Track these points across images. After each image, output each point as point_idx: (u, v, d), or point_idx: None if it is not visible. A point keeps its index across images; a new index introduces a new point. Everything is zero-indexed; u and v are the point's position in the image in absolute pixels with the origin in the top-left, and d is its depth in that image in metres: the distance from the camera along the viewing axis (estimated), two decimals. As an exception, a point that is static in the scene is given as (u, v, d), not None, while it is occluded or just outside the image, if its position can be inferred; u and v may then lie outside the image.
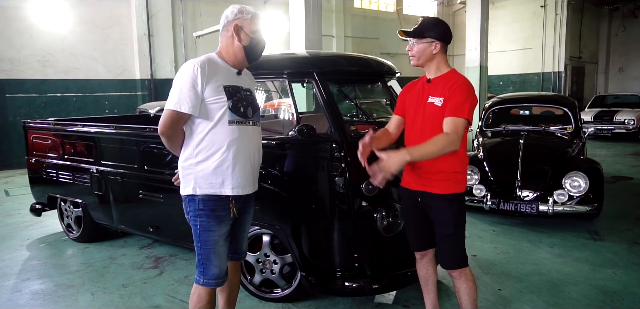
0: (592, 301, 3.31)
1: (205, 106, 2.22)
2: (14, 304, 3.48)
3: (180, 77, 2.21)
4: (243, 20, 2.31)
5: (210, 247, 2.30)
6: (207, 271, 2.33)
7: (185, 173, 2.30)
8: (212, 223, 2.29)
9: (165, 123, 2.22)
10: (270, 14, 13.59)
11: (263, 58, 3.52)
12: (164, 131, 2.24)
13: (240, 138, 2.29)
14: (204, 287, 2.35)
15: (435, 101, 2.37)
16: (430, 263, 2.69)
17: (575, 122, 6.07)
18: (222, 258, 2.37)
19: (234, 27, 2.30)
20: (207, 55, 2.31)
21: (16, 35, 9.75)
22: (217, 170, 2.25)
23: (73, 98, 10.59)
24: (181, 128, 2.28)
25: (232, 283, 2.61)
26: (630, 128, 11.92)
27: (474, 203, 4.99)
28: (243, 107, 2.31)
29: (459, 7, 18.72)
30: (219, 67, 2.29)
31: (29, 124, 5.09)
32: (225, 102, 2.24)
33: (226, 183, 2.27)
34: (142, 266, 4.09)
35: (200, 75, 2.18)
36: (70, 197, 4.70)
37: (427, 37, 2.38)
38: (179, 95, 2.18)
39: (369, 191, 2.88)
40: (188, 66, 2.21)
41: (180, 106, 2.17)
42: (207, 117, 2.23)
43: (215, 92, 2.22)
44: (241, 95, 2.33)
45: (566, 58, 16.89)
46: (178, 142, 2.31)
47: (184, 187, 2.31)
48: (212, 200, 2.27)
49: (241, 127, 2.29)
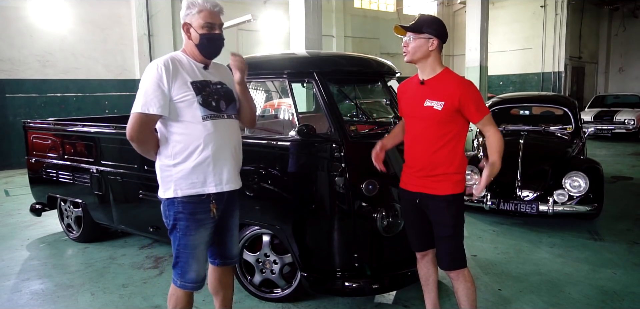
0: (592, 301, 3.31)
1: (175, 105, 2.15)
2: (14, 304, 3.48)
3: (145, 78, 2.13)
4: (191, 16, 2.20)
5: (190, 252, 2.24)
6: (185, 275, 2.27)
7: (164, 176, 2.23)
8: (192, 227, 2.22)
9: (133, 127, 2.13)
10: (270, 14, 13.60)
11: (263, 58, 3.53)
12: (133, 136, 2.14)
13: (217, 133, 2.22)
14: (181, 289, 2.30)
15: (434, 105, 2.35)
16: (430, 263, 2.69)
17: (575, 122, 6.07)
18: (201, 263, 2.31)
19: (184, 26, 2.22)
20: (171, 54, 2.24)
21: (16, 35, 9.74)
22: (198, 168, 2.18)
23: (73, 98, 10.59)
24: (152, 131, 2.20)
25: (225, 285, 2.56)
26: (630, 128, 11.91)
27: (474, 203, 4.99)
28: (214, 101, 2.24)
29: (459, 7, 18.71)
30: (183, 64, 2.22)
31: (29, 124, 5.09)
32: (194, 97, 2.17)
33: (208, 180, 2.21)
34: (142, 266, 4.09)
35: (165, 73, 2.11)
36: (70, 197, 4.70)
37: (425, 32, 2.37)
38: (145, 97, 2.10)
39: (369, 191, 2.88)
40: (152, 67, 2.15)
41: (147, 108, 2.09)
42: (179, 116, 2.16)
43: (181, 89, 2.15)
44: (211, 89, 2.25)
45: (566, 58, 16.89)
46: (150, 145, 2.22)
47: (163, 190, 2.24)
48: (192, 202, 2.20)
49: (216, 121, 2.22)
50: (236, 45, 12.83)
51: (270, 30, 13.78)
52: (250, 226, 3.25)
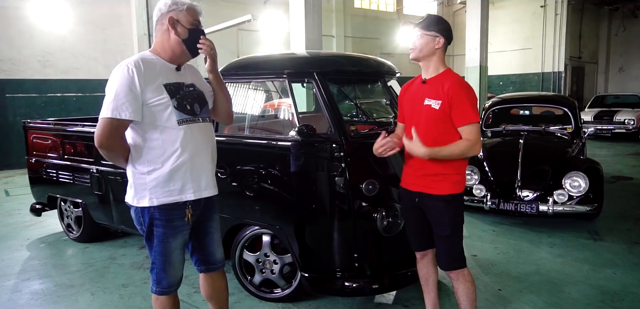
0: (592, 301, 3.31)
1: (149, 109, 2.03)
2: (14, 304, 3.48)
3: (114, 81, 1.99)
4: (178, 11, 2.11)
5: (166, 258, 2.18)
6: (162, 281, 2.22)
7: (137, 184, 2.11)
8: (169, 234, 2.15)
9: (103, 133, 2.00)
10: (270, 14, 13.59)
11: (263, 58, 3.53)
12: (102, 142, 2.01)
13: (194, 138, 2.13)
14: (160, 296, 2.26)
15: (432, 103, 2.37)
16: (430, 263, 2.69)
17: (575, 122, 6.07)
18: (177, 267, 2.25)
19: (169, 20, 2.11)
20: (140, 54, 2.12)
21: (16, 35, 9.74)
22: (175, 175, 2.09)
23: (73, 98, 10.59)
24: (121, 137, 2.07)
25: (218, 289, 2.47)
26: (630, 128, 11.91)
27: (474, 203, 4.99)
28: (189, 104, 2.14)
29: (459, 7, 18.72)
30: (155, 65, 2.10)
31: (29, 124, 5.09)
32: (169, 101, 2.06)
33: (187, 187, 2.13)
34: (142, 266, 4.09)
35: (137, 75, 1.98)
36: (70, 197, 4.70)
37: (432, 30, 2.38)
38: (115, 101, 1.96)
39: (369, 191, 2.88)
40: (121, 68, 2.00)
41: (119, 113, 1.96)
42: (153, 121, 2.05)
43: (155, 92, 2.03)
44: (185, 91, 2.16)
45: (566, 58, 16.89)
46: (120, 152, 2.10)
47: (137, 199, 2.12)
48: (169, 209, 2.11)
49: (192, 125, 2.13)
50: (236, 45, 12.83)
51: (270, 30, 13.77)
52: (250, 226, 3.26)
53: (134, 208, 2.17)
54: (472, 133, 2.32)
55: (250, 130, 3.54)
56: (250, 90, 3.57)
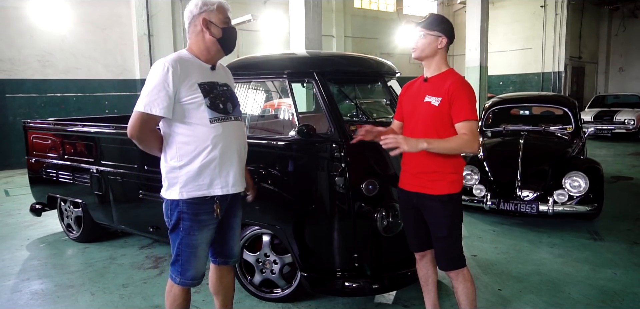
0: (592, 301, 3.31)
1: (182, 107, 2.13)
2: (14, 304, 3.48)
3: (151, 77, 2.10)
4: (209, 12, 2.19)
5: (191, 251, 2.25)
6: (185, 273, 2.28)
7: (169, 177, 2.21)
8: (195, 228, 2.22)
9: (134, 125, 2.11)
10: (270, 14, 13.59)
11: (263, 58, 3.54)
12: (133, 133, 2.12)
13: (225, 136, 2.21)
14: (180, 286, 2.31)
15: (432, 101, 2.37)
16: (430, 264, 2.69)
17: (575, 122, 6.07)
18: (202, 261, 2.31)
19: (203, 22, 2.19)
20: (177, 53, 2.21)
21: (16, 35, 9.74)
22: (204, 171, 2.17)
23: (73, 98, 10.59)
24: (153, 130, 2.18)
25: (226, 285, 2.56)
26: (630, 128, 11.91)
27: (474, 203, 4.99)
28: (222, 103, 2.22)
29: (459, 7, 18.72)
30: (191, 65, 2.19)
31: (29, 124, 5.09)
32: (202, 100, 2.15)
33: (215, 183, 2.21)
34: (142, 266, 4.09)
35: (172, 74, 2.07)
36: (70, 197, 4.70)
37: (435, 30, 2.38)
38: (149, 97, 2.07)
39: (369, 191, 2.88)
40: (159, 65, 2.10)
41: (150, 108, 2.06)
42: (186, 118, 2.14)
43: (190, 90, 2.13)
44: (218, 91, 2.24)
45: (566, 58, 16.89)
46: (153, 143, 2.21)
47: (168, 191, 2.22)
48: (197, 203, 2.20)
49: (224, 124, 2.21)
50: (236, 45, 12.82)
51: (270, 30, 13.77)
52: (250, 226, 3.25)
53: (165, 201, 2.27)
54: (468, 129, 2.30)
55: (250, 130, 3.54)
56: (250, 90, 3.57)
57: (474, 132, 2.31)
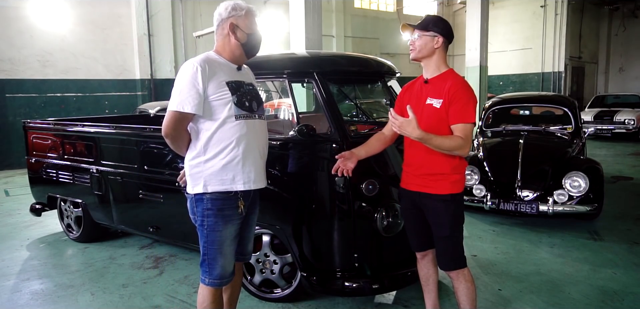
0: (592, 301, 3.30)
1: (210, 104, 2.21)
2: (14, 304, 3.48)
3: (181, 77, 2.20)
4: (237, 17, 2.29)
5: (217, 247, 2.30)
6: (213, 271, 2.32)
7: (194, 172, 2.27)
8: (219, 223, 2.27)
9: (168, 124, 2.20)
10: (270, 14, 13.59)
11: (263, 58, 3.54)
12: (168, 133, 2.22)
13: (249, 133, 2.29)
14: (209, 287, 2.35)
15: (434, 103, 2.37)
16: (431, 263, 2.69)
17: (575, 122, 6.07)
18: (228, 259, 2.36)
19: (230, 26, 2.29)
20: (206, 54, 2.29)
21: (16, 35, 9.74)
22: (227, 166, 2.24)
23: (73, 98, 10.59)
24: (185, 129, 2.26)
25: (234, 283, 2.59)
26: (630, 128, 11.91)
27: (474, 203, 4.99)
28: (248, 101, 2.31)
29: (459, 7, 18.72)
30: (218, 64, 2.28)
31: (29, 124, 5.09)
32: (230, 97, 2.23)
33: (237, 178, 2.27)
34: (142, 266, 4.09)
35: (201, 73, 2.17)
36: (70, 197, 4.70)
37: (431, 30, 2.38)
38: (180, 96, 2.16)
39: (369, 191, 2.88)
40: (188, 66, 2.20)
41: (182, 106, 2.15)
42: (213, 114, 2.22)
43: (218, 88, 2.21)
44: (244, 89, 2.33)
45: (566, 58, 16.89)
46: (183, 142, 2.29)
47: (193, 186, 2.29)
48: (221, 198, 2.25)
49: (248, 121, 2.29)
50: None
51: (270, 30, 13.77)
52: (253, 226, 3.25)
53: (190, 198, 2.32)
54: (464, 132, 2.30)
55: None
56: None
57: (467, 136, 2.30)
